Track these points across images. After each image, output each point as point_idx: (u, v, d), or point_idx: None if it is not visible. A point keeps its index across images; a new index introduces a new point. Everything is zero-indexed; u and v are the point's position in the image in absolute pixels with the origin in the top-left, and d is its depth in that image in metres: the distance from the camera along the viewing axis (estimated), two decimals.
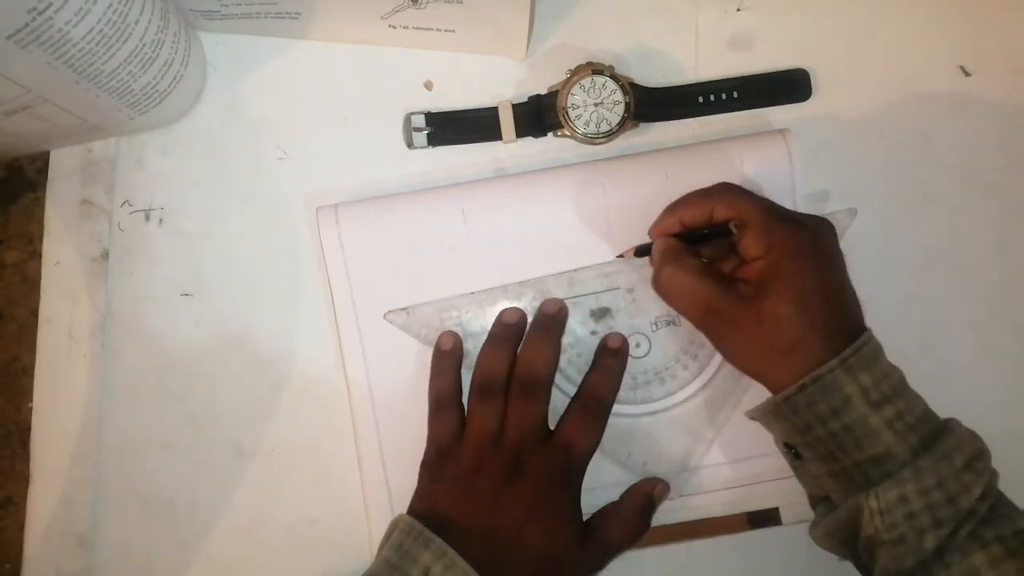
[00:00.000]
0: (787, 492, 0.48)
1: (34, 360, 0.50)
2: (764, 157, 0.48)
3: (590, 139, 0.49)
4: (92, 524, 0.49)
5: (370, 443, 0.48)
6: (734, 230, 0.42)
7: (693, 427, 0.48)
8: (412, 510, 0.44)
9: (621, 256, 0.48)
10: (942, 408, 0.49)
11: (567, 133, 0.50)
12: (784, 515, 0.48)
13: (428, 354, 0.48)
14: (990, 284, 0.51)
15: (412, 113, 0.51)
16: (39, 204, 0.51)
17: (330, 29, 0.50)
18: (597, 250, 0.48)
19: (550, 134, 0.51)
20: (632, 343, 0.48)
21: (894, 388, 0.40)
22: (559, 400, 0.46)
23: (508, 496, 0.43)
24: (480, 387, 0.45)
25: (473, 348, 0.47)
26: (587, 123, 0.49)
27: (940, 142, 0.52)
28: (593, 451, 0.45)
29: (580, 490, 0.45)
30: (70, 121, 0.46)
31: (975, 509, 0.38)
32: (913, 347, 0.50)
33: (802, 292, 0.40)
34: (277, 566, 0.49)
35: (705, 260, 0.45)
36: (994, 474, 0.40)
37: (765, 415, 0.42)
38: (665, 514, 0.48)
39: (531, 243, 0.48)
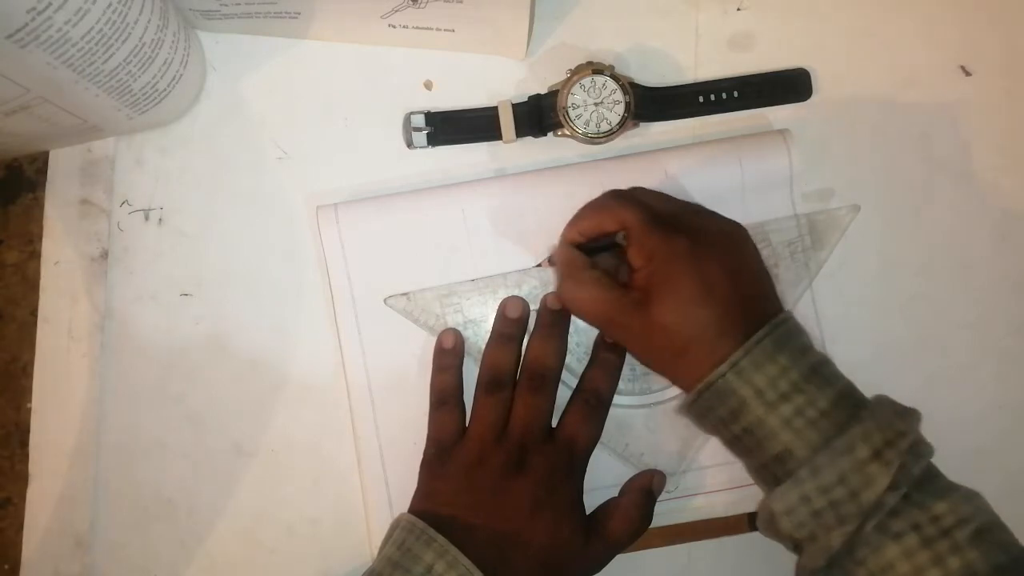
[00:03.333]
0: None
1: (33, 360, 0.50)
2: (763, 158, 0.48)
3: (590, 139, 0.49)
4: (91, 524, 0.49)
5: (370, 443, 0.48)
6: (622, 241, 0.43)
7: None
8: (413, 509, 0.44)
9: (539, 266, 0.48)
10: (942, 408, 0.49)
11: (567, 133, 0.50)
12: None
13: (428, 355, 0.48)
14: (990, 284, 0.51)
15: (412, 113, 0.51)
16: (38, 204, 0.51)
17: (330, 29, 0.50)
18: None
19: (550, 134, 0.50)
20: None
21: (795, 383, 0.39)
22: (560, 392, 0.46)
23: (511, 490, 0.43)
24: (488, 381, 0.46)
25: (473, 335, 0.48)
26: (587, 123, 0.49)
27: (940, 142, 0.51)
28: (594, 445, 0.45)
29: (582, 486, 0.45)
30: (69, 121, 0.46)
31: (882, 501, 0.37)
32: (913, 347, 0.50)
33: (683, 297, 0.40)
34: (277, 566, 0.49)
35: (604, 269, 0.44)
36: (912, 458, 0.38)
37: (686, 417, 0.43)
38: (666, 515, 0.48)
39: (531, 243, 0.48)
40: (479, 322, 0.48)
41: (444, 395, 0.47)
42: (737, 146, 0.49)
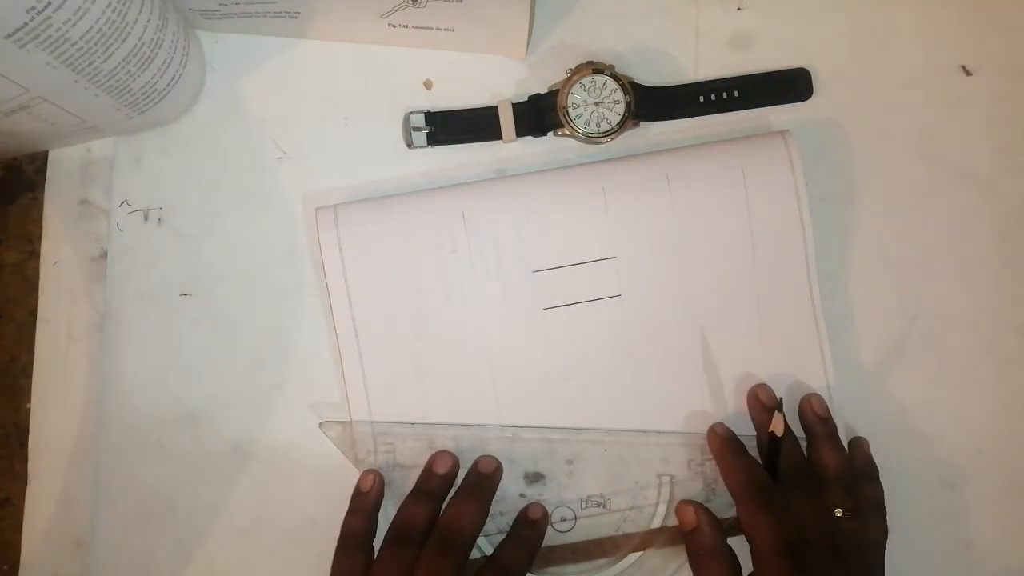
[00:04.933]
0: None
1: (32, 360, 0.50)
2: (765, 160, 0.48)
3: (590, 139, 0.49)
4: (90, 525, 0.48)
5: (365, 445, 0.47)
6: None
7: None
8: None
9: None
10: (943, 408, 0.50)
11: (567, 133, 0.49)
12: None
13: (428, 358, 0.48)
14: (991, 284, 0.51)
15: (412, 112, 0.51)
16: (37, 204, 0.51)
17: (329, 28, 0.50)
18: (596, 253, 0.48)
19: (550, 133, 0.50)
20: (557, 516, 0.47)
21: None
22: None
23: None
24: (395, 534, 0.43)
25: (399, 479, 0.46)
26: (587, 122, 0.49)
27: (941, 141, 0.51)
28: None
29: None
30: (69, 121, 0.46)
31: None
32: (913, 347, 0.50)
33: None
34: (276, 568, 0.49)
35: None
36: None
37: None
38: (666, 518, 0.48)
39: (531, 246, 0.48)
40: (408, 469, 0.46)
41: (350, 540, 0.44)
42: (738, 149, 0.48)
